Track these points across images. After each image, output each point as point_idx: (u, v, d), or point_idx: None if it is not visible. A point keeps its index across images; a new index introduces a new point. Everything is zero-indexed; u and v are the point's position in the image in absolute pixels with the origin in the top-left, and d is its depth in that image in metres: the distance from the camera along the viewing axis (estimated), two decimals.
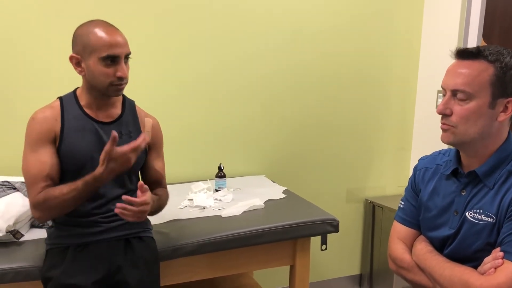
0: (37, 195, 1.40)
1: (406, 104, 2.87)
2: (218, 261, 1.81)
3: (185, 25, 2.32)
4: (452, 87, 1.19)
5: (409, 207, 1.41)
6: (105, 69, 1.41)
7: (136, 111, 1.62)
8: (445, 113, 1.21)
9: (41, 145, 1.43)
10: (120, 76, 1.43)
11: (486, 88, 1.16)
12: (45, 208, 1.40)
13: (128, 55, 1.46)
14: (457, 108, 1.19)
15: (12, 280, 1.50)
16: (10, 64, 2.08)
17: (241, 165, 2.55)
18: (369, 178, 2.89)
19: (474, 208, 1.22)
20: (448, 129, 1.22)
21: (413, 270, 1.32)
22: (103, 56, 1.40)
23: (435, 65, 2.71)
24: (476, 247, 1.21)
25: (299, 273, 1.94)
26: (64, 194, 1.38)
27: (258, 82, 2.51)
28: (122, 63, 1.43)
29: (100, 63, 1.41)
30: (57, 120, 1.46)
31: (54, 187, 1.41)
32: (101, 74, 1.42)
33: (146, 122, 1.59)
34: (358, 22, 2.65)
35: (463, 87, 1.17)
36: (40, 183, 1.41)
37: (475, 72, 1.16)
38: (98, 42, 1.40)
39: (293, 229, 1.85)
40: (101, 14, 1.63)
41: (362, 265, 2.97)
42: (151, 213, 1.59)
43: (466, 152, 1.27)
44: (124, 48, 1.43)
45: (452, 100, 1.20)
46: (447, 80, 1.21)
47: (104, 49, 1.39)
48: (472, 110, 1.17)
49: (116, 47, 1.41)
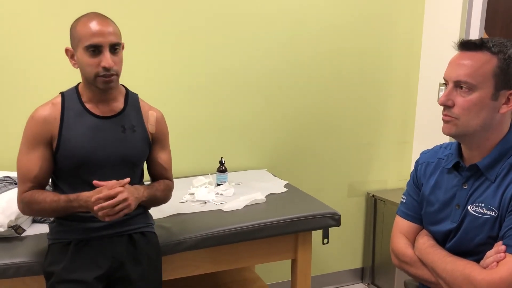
0: (23, 193, 1.46)
1: (408, 97, 2.86)
2: (220, 255, 1.81)
3: (189, 22, 2.31)
4: (455, 78, 1.18)
5: (411, 202, 1.41)
6: (90, 59, 1.40)
7: (140, 105, 1.60)
8: (447, 105, 1.20)
9: (35, 147, 1.45)
10: (104, 66, 1.40)
11: (489, 80, 1.15)
12: (27, 208, 1.47)
13: (116, 45, 1.42)
14: (460, 100, 1.18)
15: (14, 275, 1.51)
16: (11, 60, 2.07)
17: (242, 159, 2.55)
18: (371, 171, 2.88)
19: (476, 202, 1.22)
20: (450, 121, 1.21)
21: (415, 265, 1.32)
22: (86, 45, 1.39)
23: (436, 58, 2.69)
24: (478, 240, 1.20)
25: (300, 267, 1.95)
26: (46, 203, 1.42)
27: (260, 78, 2.50)
28: (106, 52, 1.40)
29: (85, 54, 1.40)
30: (56, 119, 1.46)
31: (42, 192, 1.45)
32: (87, 65, 1.41)
33: (150, 116, 1.58)
34: (359, 15, 2.63)
35: (465, 78, 1.16)
36: (27, 183, 1.45)
37: (478, 63, 1.15)
38: (82, 32, 1.39)
39: (295, 223, 1.85)
40: (106, 10, 1.62)
41: (364, 258, 2.97)
42: (149, 204, 1.59)
43: (467, 145, 1.26)
44: (107, 37, 1.39)
45: (454, 91, 1.19)
46: (449, 72, 1.20)
47: (86, 38, 1.39)
48: (474, 102, 1.16)
49: (98, 36, 1.38)
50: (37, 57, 2.10)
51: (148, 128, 1.59)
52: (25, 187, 1.45)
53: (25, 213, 1.51)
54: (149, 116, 1.59)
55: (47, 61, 2.11)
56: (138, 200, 1.46)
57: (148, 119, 1.59)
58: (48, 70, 2.11)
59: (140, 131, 1.56)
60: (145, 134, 1.58)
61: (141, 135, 1.57)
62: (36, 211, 1.48)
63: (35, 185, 1.46)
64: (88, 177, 1.44)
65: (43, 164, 1.46)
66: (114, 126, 1.51)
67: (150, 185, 1.60)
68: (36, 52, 2.10)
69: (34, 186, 1.46)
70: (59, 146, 1.45)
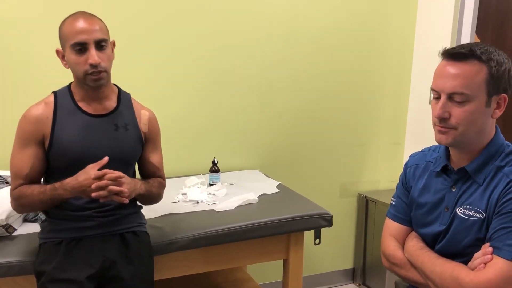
0: (14, 190, 1.46)
1: (400, 99, 2.88)
2: (212, 255, 1.82)
3: (185, 24, 2.31)
4: (450, 90, 1.17)
5: (401, 204, 1.42)
6: (77, 57, 1.41)
7: (132, 104, 1.60)
8: (444, 117, 1.19)
9: (27, 146, 1.45)
10: (90, 63, 1.39)
11: (482, 88, 1.17)
12: (18, 204, 1.47)
13: (101, 42, 1.42)
14: (456, 111, 1.18)
15: (5, 274, 1.50)
16: (7, 58, 2.06)
17: (235, 159, 2.56)
18: (363, 172, 2.90)
19: (464, 204, 1.24)
20: (447, 132, 1.21)
21: (405, 267, 1.33)
22: (71, 44, 1.39)
23: (428, 61, 2.71)
24: (466, 242, 1.22)
25: (292, 267, 1.95)
26: (33, 195, 1.43)
27: (254, 79, 2.51)
28: (91, 49, 1.40)
29: (72, 52, 1.41)
30: (49, 118, 1.46)
31: (29, 186, 1.45)
32: (75, 64, 1.42)
33: (142, 115, 1.59)
34: (352, 19, 2.65)
35: (461, 90, 1.16)
36: (19, 180, 1.46)
37: (471, 73, 1.16)
38: (68, 31, 1.40)
39: (287, 223, 1.86)
40: (103, 12, 1.62)
41: (355, 259, 2.99)
42: (144, 200, 1.59)
43: (459, 150, 1.27)
44: (91, 34, 1.39)
45: (449, 102, 1.19)
46: (441, 84, 1.19)
47: (71, 37, 1.39)
48: (471, 111, 1.17)
49: (81, 33, 1.38)
50: (31, 57, 2.09)
51: (141, 127, 1.59)
52: (16, 184, 1.46)
53: (17, 209, 1.51)
54: (141, 115, 1.59)
55: (40, 61, 2.10)
56: (134, 192, 1.46)
57: (140, 118, 1.59)
58: (41, 70, 2.10)
59: (133, 129, 1.57)
60: (138, 132, 1.58)
61: (134, 133, 1.57)
62: (26, 205, 1.47)
63: (26, 182, 1.46)
64: None
65: (35, 163, 1.46)
66: (107, 125, 1.51)
67: (146, 181, 1.60)
68: (29, 52, 2.09)
69: (25, 183, 1.46)
70: (52, 145, 1.45)
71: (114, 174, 1.37)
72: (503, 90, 1.19)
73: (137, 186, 1.49)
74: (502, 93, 1.19)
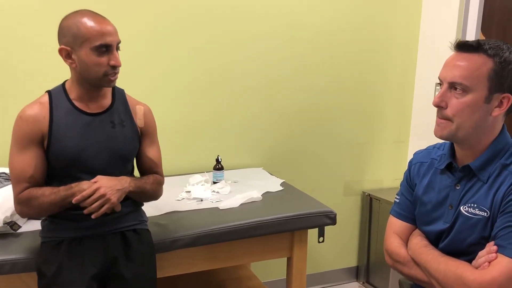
0: (20, 194, 1.43)
1: (404, 97, 2.87)
2: (216, 253, 1.82)
3: (188, 21, 2.31)
4: (450, 79, 1.18)
5: (405, 202, 1.42)
6: (99, 59, 1.39)
7: (127, 99, 1.59)
8: (440, 105, 1.20)
9: (27, 146, 1.42)
10: (113, 65, 1.41)
11: (483, 82, 1.16)
12: (26, 206, 1.44)
13: (119, 44, 1.45)
14: (453, 101, 1.18)
15: (9, 271, 1.51)
16: (7, 56, 2.07)
17: (239, 157, 2.56)
18: (367, 170, 2.90)
19: (468, 203, 1.23)
20: (441, 123, 1.21)
21: (408, 265, 1.33)
22: (96, 45, 1.38)
23: (433, 59, 2.70)
24: (471, 241, 1.22)
25: (296, 265, 1.95)
26: (45, 196, 1.40)
27: (258, 77, 2.51)
28: (115, 51, 1.42)
29: (93, 53, 1.39)
30: (45, 118, 1.44)
31: (39, 188, 1.43)
32: (95, 64, 1.40)
33: (138, 110, 1.58)
34: (356, 16, 2.64)
35: (460, 80, 1.16)
36: (23, 183, 1.42)
37: (474, 65, 1.16)
38: (89, 31, 1.37)
39: (291, 221, 1.86)
40: (104, 9, 1.62)
41: (359, 257, 2.99)
42: (138, 197, 1.58)
43: (460, 146, 1.27)
44: (115, 36, 1.42)
45: (448, 92, 1.19)
46: (445, 72, 1.20)
47: (96, 38, 1.37)
48: (467, 104, 1.17)
49: (108, 35, 1.39)
50: (34, 53, 2.10)
51: (137, 122, 1.58)
52: (21, 187, 1.42)
53: (23, 213, 1.47)
54: (136, 110, 1.58)
55: (43, 59, 2.10)
56: (121, 192, 1.44)
57: (136, 113, 1.59)
58: (43, 68, 2.11)
59: (129, 125, 1.56)
60: (134, 128, 1.57)
61: (131, 129, 1.56)
62: (35, 207, 1.42)
63: (31, 184, 1.43)
64: (81, 174, 1.44)
65: (38, 163, 1.43)
66: (103, 122, 1.50)
67: (138, 178, 1.59)
68: (26, 51, 2.09)
69: (31, 185, 1.43)
70: (50, 145, 1.43)
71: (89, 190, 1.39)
72: (507, 89, 1.17)
73: (123, 186, 1.45)
74: (506, 92, 1.17)
